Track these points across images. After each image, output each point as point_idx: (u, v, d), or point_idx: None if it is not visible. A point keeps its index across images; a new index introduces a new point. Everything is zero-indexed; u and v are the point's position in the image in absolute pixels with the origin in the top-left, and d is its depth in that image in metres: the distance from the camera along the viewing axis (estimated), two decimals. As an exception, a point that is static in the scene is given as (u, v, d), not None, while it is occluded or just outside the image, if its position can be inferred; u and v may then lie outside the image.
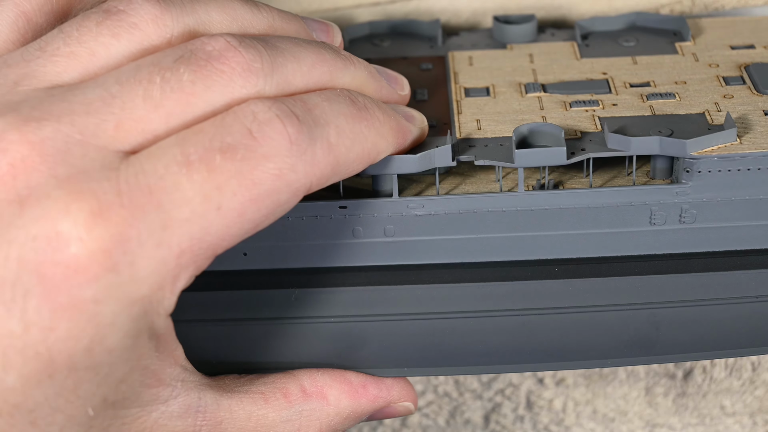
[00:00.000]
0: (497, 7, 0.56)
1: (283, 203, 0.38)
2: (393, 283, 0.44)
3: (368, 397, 0.45)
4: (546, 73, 0.49)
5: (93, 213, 0.35)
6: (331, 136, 0.39)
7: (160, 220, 0.36)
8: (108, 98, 0.37)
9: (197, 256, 0.36)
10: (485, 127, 0.46)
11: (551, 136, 0.44)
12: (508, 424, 0.65)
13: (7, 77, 0.38)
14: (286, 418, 0.42)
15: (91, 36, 0.38)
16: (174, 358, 0.39)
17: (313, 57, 0.41)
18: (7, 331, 0.35)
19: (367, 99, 0.41)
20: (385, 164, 0.42)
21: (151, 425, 0.38)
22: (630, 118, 0.45)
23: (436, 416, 0.65)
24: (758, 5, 0.56)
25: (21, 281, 0.35)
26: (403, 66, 0.50)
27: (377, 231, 0.44)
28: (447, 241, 0.45)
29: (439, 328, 0.45)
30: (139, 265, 0.36)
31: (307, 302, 0.44)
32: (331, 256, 0.44)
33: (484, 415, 0.65)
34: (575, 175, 0.45)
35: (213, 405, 0.40)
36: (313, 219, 0.44)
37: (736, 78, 0.48)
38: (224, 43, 0.38)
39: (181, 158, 0.36)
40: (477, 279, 0.45)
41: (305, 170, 0.38)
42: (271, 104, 0.38)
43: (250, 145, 0.37)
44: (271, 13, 0.42)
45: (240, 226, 0.37)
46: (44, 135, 0.36)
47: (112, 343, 0.36)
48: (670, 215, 0.44)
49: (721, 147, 0.43)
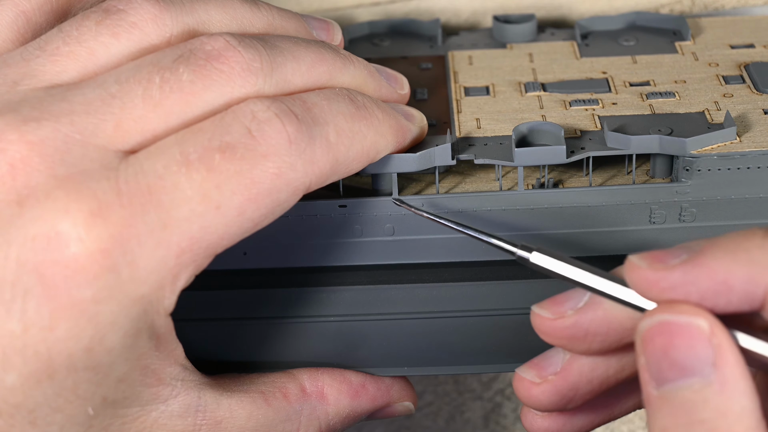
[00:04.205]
0: (497, 7, 0.56)
1: (282, 202, 0.38)
2: (393, 283, 0.44)
3: (368, 397, 0.45)
4: (546, 72, 0.49)
5: (92, 213, 0.35)
6: (330, 135, 0.39)
7: (159, 220, 0.36)
8: (107, 98, 0.37)
9: (197, 256, 0.36)
10: (485, 126, 0.46)
11: (551, 135, 0.44)
12: (508, 424, 0.65)
13: (7, 77, 0.38)
14: (286, 418, 0.42)
15: (90, 35, 0.38)
16: (174, 358, 0.39)
17: (313, 56, 0.41)
18: (6, 331, 0.35)
19: (366, 98, 0.41)
20: (385, 163, 0.42)
21: (150, 424, 0.38)
22: (630, 116, 0.45)
23: (436, 416, 0.65)
24: (758, 5, 0.56)
25: (21, 281, 0.35)
26: (402, 65, 0.50)
27: (377, 230, 0.44)
28: (446, 240, 0.45)
29: (439, 328, 0.45)
30: (139, 264, 0.36)
31: (306, 301, 0.44)
32: (331, 255, 0.44)
33: (484, 415, 0.65)
34: (575, 174, 0.45)
35: (213, 404, 0.40)
36: (313, 218, 0.44)
37: (735, 77, 0.48)
38: (223, 43, 0.38)
39: (181, 158, 0.36)
40: (476, 278, 0.45)
41: (305, 169, 0.38)
42: (270, 103, 0.38)
43: (250, 144, 0.37)
44: (271, 12, 0.42)
45: (239, 225, 0.37)
46: (43, 135, 0.36)
47: (111, 343, 0.36)
48: (669, 214, 0.44)
49: (721, 146, 0.43)
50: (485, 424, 0.65)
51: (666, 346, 0.34)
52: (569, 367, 0.39)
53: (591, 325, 0.38)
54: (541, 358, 0.40)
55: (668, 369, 0.34)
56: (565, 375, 0.39)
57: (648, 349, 0.34)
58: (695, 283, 0.34)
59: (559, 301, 0.38)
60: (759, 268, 0.34)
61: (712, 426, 0.33)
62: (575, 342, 0.38)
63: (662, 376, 0.34)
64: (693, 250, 0.35)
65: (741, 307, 0.35)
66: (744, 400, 0.33)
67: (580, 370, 0.39)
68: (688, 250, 0.35)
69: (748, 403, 0.33)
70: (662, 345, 0.34)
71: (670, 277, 0.35)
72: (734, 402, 0.33)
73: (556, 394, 0.39)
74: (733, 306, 0.35)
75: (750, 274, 0.34)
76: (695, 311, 0.34)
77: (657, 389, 0.34)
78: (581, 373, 0.39)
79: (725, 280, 0.34)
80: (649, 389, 0.34)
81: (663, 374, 0.34)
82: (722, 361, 0.34)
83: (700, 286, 0.34)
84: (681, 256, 0.35)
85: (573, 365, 0.39)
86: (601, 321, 0.37)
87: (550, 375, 0.39)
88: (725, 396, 0.33)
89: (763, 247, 0.34)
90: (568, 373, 0.39)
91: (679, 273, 0.35)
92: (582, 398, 0.40)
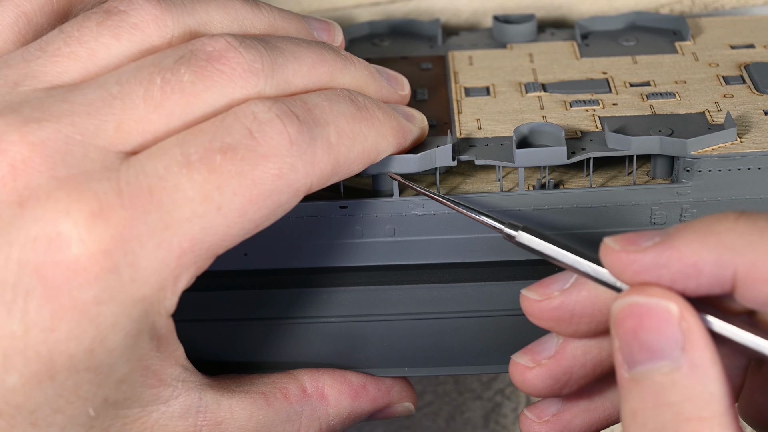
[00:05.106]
0: (497, 7, 0.56)
1: (283, 203, 0.38)
2: (393, 283, 0.44)
3: (368, 398, 0.45)
4: (546, 72, 0.49)
5: (94, 213, 0.35)
6: (331, 136, 0.39)
7: (161, 221, 0.36)
8: (108, 99, 0.37)
9: (198, 257, 0.36)
10: (485, 126, 0.46)
11: (551, 136, 0.44)
12: (508, 424, 0.65)
13: (8, 78, 0.38)
14: (287, 418, 0.42)
15: (91, 36, 0.38)
16: (175, 358, 0.39)
17: (314, 57, 0.41)
18: (8, 332, 0.35)
19: (367, 99, 0.41)
20: (386, 164, 0.42)
21: (151, 425, 0.38)
22: (630, 117, 0.45)
23: (436, 416, 0.65)
24: (758, 5, 0.56)
25: (22, 282, 0.35)
26: (403, 66, 0.50)
27: (378, 231, 0.44)
28: (447, 241, 0.45)
29: (439, 328, 0.45)
30: (140, 265, 0.35)
31: (307, 302, 0.44)
32: (332, 256, 0.44)
33: (484, 415, 0.65)
34: (575, 175, 0.45)
35: (213, 405, 0.40)
36: (314, 219, 0.44)
37: (736, 77, 0.48)
38: (225, 44, 0.38)
39: (182, 158, 0.36)
40: (477, 279, 0.45)
41: (306, 170, 0.38)
42: (272, 104, 0.38)
43: (251, 145, 0.37)
44: (272, 13, 0.42)
45: (241, 226, 0.37)
46: (45, 136, 0.36)
47: (113, 344, 0.36)
48: (670, 215, 0.44)
49: (722, 146, 0.43)
50: (485, 424, 0.65)
51: (636, 328, 0.34)
52: (562, 351, 0.40)
53: (576, 306, 0.38)
54: (535, 344, 0.40)
55: (638, 351, 0.34)
56: (559, 359, 0.40)
57: (620, 331, 0.35)
58: (666, 265, 0.35)
59: (546, 284, 0.39)
60: (727, 251, 0.34)
61: (679, 409, 0.33)
62: (563, 324, 0.38)
63: (633, 358, 0.34)
64: (666, 233, 0.35)
65: (712, 290, 0.35)
66: (713, 386, 0.33)
67: (573, 354, 0.40)
68: (662, 233, 0.35)
69: (718, 389, 0.33)
70: (632, 327, 0.34)
71: (642, 259, 0.35)
72: (703, 387, 0.33)
73: (550, 378, 0.40)
74: (703, 289, 0.35)
75: (718, 257, 0.34)
76: (665, 294, 0.34)
77: (628, 372, 0.34)
78: (574, 356, 0.39)
79: (694, 263, 0.34)
80: (622, 371, 0.35)
81: (633, 356, 0.34)
82: (691, 345, 0.34)
83: (671, 268, 0.35)
84: (654, 238, 0.35)
85: (566, 349, 0.40)
86: (586, 302, 0.38)
87: (543, 359, 0.40)
88: (694, 380, 0.33)
89: (733, 230, 0.34)
90: (562, 357, 0.40)
91: (651, 255, 0.35)
92: (576, 383, 0.40)
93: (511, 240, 0.39)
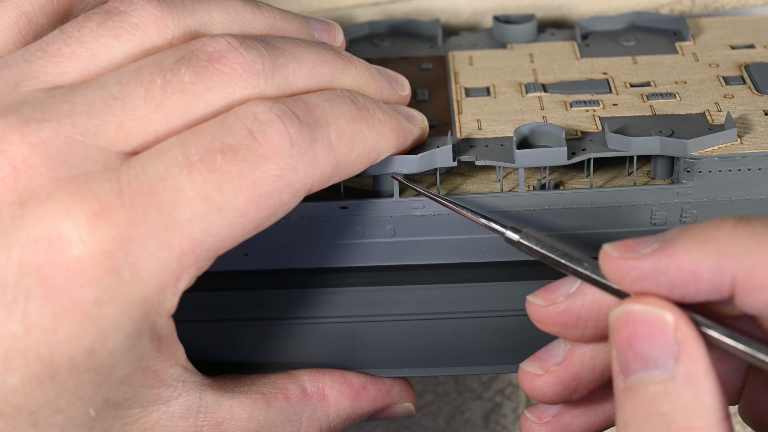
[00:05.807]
0: (497, 7, 0.56)
1: (284, 204, 0.38)
2: (394, 284, 0.44)
3: (368, 398, 0.45)
4: (546, 73, 0.49)
5: (94, 214, 0.35)
6: (331, 137, 0.39)
7: (161, 221, 0.36)
8: (109, 99, 0.37)
9: (199, 257, 0.36)
10: (486, 127, 0.46)
11: (552, 137, 0.44)
12: (508, 424, 0.65)
13: (8, 78, 0.38)
14: (287, 419, 0.42)
15: (92, 37, 0.38)
16: (175, 359, 0.39)
17: (314, 58, 0.41)
18: (8, 333, 0.35)
19: (367, 99, 0.41)
20: (386, 164, 0.42)
21: (152, 426, 0.38)
22: (630, 118, 0.45)
23: (436, 416, 0.65)
24: (758, 5, 0.56)
25: (22, 283, 0.35)
26: (403, 66, 0.50)
27: (378, 231, 0.44)
28: (447, 241, 0.45)
29: (439, 328, 0.45)
30: (141, 266, 0.35)
31: (307, 302, 0.44)
32: (332, 256, 0.44)
33: (484, 415, 0.65)
34: (576, 176, 0.45)
35: (214, 405, 0.40)
36: (314, 219, 0.44)
37: (736, 78, 0.48)
38: (225, 44, 0.38)
39: (182, 159, 0.36)
40: (477, 279, 0.45)
41: (306, 170, 0.38)
42: (272, 105, 0.38)
43: (251, 145, 0.37)
44: (272, 13, 0.42)
45: (241, 226, 0.37)
46: (45, 136, 0.36)
47: (113, 345, 0.36)
48: (670, 215, 0.44)
49: (722, 147, 0.43)
50: (485, 424, 0.65)
51: (631, 337, 0.34)
52: (570, 356, 0.40)
53: (582, 310, 0.38)
54: (543, 351, 0.40)
55: (633, 360, 0.34)
56: (567, 365, 0.40)
57: (616, 340, 0.35)
58: (665, 272, 0.35)
59: (551, 289, 0.39)
60: (726, 258, 0.34)
61: (671, 419, 0.33)
62: (569, 329, 0.38)
63: (628, 367, 0.34)
64: (665, 239, 0.35)
65: (710, 296, 0.35)
66: (706, 396, 0.33)
67: (581, 359, 0.39)
68: (660, 239, 0.35)
69: (711, 400, 0.33)
70: (628, 335, 0.34)
71: (640, 266, 0.35)
72: (695, 397, 0.33)
73: (560, 385, 0.40)
74: (702, 295, 0.35)
75: (717, 264, 0.34)
76: (661, 303, 0.34)
77: (624, 381, 0.34)
78: (582, 362, 0.39)
79: (693, 270, 0.34)
80: (617, 381, 0.35)
81: (628, 365, 0.34)
82: (685, 356, 0.34)
83: (670, 275, 0.34)
84: (652, 245, 0.35)
85: (574, 354, 0.39)
86: (591, 306, 0.38)
87: (552, 366, 0.40)
88: (687, 390, 0.33)
89: (731, 236, 0.34)
90: (570, 363, 0.39)
91: (649, 263, 0.35)
92: (586, 388, 0.40)
93: (512, 243, 0.39)
